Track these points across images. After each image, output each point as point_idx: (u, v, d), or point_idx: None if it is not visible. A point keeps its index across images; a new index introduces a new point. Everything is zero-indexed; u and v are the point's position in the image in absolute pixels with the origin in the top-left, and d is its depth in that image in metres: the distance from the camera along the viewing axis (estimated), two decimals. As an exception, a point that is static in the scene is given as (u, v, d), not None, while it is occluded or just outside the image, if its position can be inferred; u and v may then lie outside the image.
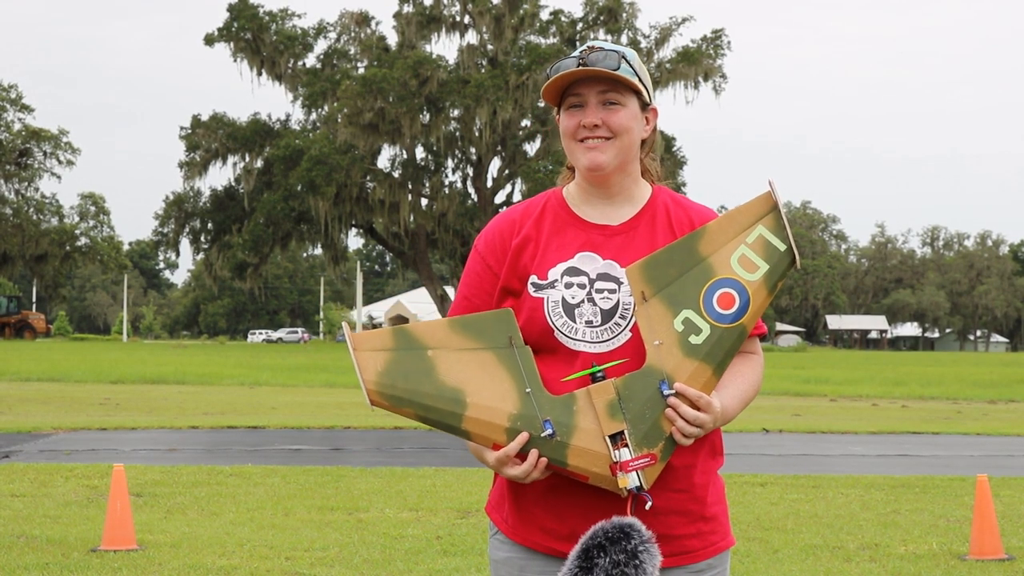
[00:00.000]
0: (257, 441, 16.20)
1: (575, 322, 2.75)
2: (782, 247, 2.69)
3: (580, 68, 2.75)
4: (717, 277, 2.69)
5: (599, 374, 2.66)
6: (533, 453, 2.63)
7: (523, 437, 2.62)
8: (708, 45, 59.45)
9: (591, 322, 2.75)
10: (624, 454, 2.61)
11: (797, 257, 2.70)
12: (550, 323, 2.75)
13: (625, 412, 2.63)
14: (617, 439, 2.62)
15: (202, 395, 26.27)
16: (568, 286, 2.77)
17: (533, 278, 2.80)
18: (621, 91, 2.79)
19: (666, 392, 2.63)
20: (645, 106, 2.86)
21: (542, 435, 2.62)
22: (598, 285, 2.77)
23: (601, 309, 2.75)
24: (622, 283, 2.77)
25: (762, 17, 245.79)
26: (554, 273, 2.79)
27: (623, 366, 2.70)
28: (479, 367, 2.67)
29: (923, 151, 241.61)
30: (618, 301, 2.75)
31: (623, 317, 2.75)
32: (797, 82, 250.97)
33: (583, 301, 2.76)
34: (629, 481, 2.61)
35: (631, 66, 2.80)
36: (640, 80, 2.81)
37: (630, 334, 2.73)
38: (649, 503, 2.64)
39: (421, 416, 2.67)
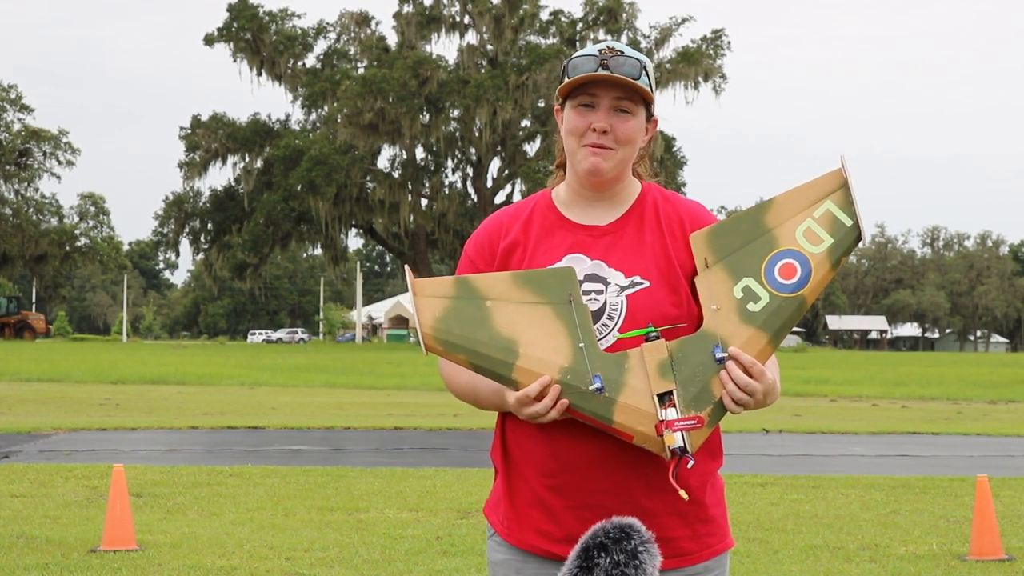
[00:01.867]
0: (257, 441, 16.19)
1: None
2: (849, 222, 2.69)
3: (604, 73, 2.74)
4: (781, 248, 2.69)
5: (653, 335, 2.66)
6: (554, 389, 2.61)
7: (545, 379, 2.61)
8: (708, 45, 59.50)
9: None
10: (671, 414, 2.60)
11: (863, 232, 2.69)
12: None
13: (676, 373, 2.62)
14: (665, 399, 2.61)
15: (202, 395, 26.27)
16: None
17: None
18: (636, 100, 2.79)
19: (719, 355, 2.62)
20: (649, 116, 2.86)
21: (590, 388, 2.62)
22: (585, 287, 2.76)
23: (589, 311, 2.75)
24: (609, 283, 2.76)
25: (762, 17, 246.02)
26: None
27: (679, 330, 2.70)
28: (535, 320, 2.67)
29: (923, 151, 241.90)
30: (605, 302, 2.75)
31: (611, 318, 2.74)
32: (797, 82, 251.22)
33: None
34: (674, 440, 2.59)
35: (648, 76, 2.80)
36: (652, 91, 2.82)
37: (618, 335, 2.72)
38: (691, 464, 2.61)
39: (473, 364, 2.67)
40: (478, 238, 2.91)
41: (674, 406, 2.61)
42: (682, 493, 2.61)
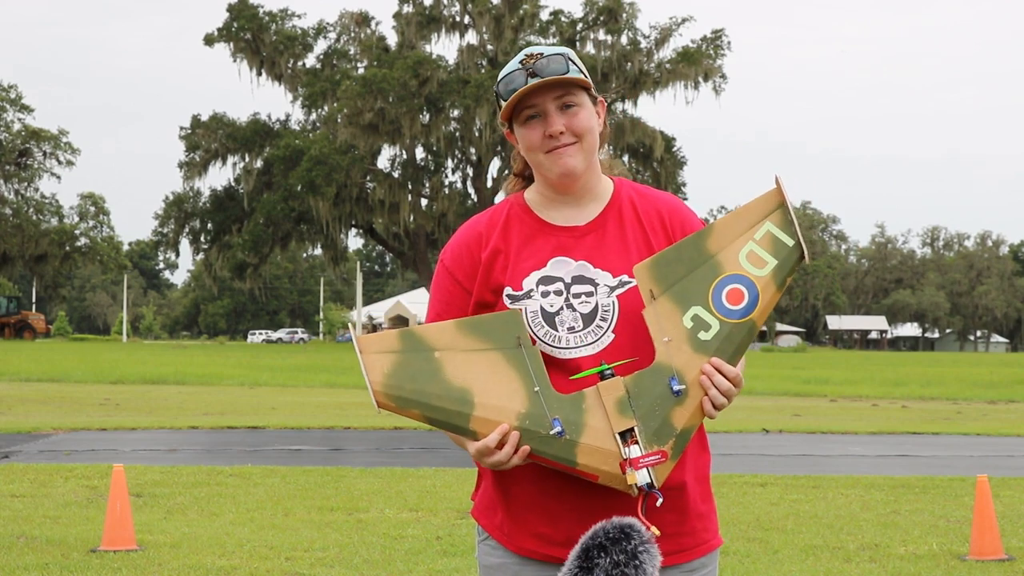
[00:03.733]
0: (257, 441, 16.20)
1: (557, 330, 2.73)
2: (790, 242, 2.68)
3: (537, 80, 2.72)
4: (726, 274, 2.68)
5: (608, 372, 2.65)
6: (513, 436, 2.60)
7: (503, 427, 2.60)
8: (708, 45, 59.45)
9: (573, 328, 2.73)
10: (634, 451, 2.59)
11: (806, 252, 2.69)
12: (531, 333, 2.73)
13: (635, 409, 2.61)
14: (627, 436, 2.61)
15: (202, 395, 26.28)
16: (544, 295, 2.75)
17: (508, 290, 2.78)
18: (575, 92, 2.77)
19: (676, 388, 2.62)
20: (594, 100, 2.84)
21: (551, 433, 2.60)
22: (575, 289, 2.75)
23: (581, 314, 2.74)
24: (598, 284, 2.75)
25: (762, 17, 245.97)
26: (528, 283, 2.77)
27: (632, 364, 2.68)
28: (487, 367, 2.65)
29: (923, 152, 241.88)
30: (596, 304, 2.74)
31: (604, 319, 2.73)
32: (797, 82, 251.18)
33: (562, 308, 2.74)
34: (639, 478, 2.58)
35: (576, 64, 2.78)
36: (585, 76, 2.79)
37: (613, 335, 2.72)
38: (660, 500, 2.61)
39: (428, 417, 2.65)
40: (455, 248, 2.88)
41: (637, 443, 2.60)
42: (653, 530, 2.59)
